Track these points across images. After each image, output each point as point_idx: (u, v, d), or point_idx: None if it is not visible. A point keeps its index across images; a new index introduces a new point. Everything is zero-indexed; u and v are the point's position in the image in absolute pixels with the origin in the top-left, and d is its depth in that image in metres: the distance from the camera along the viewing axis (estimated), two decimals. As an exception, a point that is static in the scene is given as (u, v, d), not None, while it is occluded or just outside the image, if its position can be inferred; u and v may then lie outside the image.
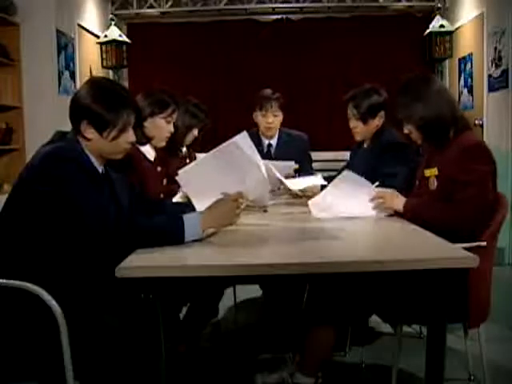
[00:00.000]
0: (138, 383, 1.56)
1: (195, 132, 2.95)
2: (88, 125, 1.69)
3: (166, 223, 1.68)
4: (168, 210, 2.07)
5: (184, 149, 2.98)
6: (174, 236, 1.64)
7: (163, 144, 2.46)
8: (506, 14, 4.42)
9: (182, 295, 2.35)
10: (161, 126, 2.40)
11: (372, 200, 2.16)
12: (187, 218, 1.67)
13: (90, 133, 1.70)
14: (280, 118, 3.26)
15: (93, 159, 1.74)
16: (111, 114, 1.70)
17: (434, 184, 2.05)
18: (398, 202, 2.10)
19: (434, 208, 1.99)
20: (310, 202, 2.24)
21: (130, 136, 1.76)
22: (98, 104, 1.69)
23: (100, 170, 1.78)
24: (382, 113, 2.69)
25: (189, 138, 2.94)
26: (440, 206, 1.98)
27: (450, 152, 1.99)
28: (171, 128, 2.43)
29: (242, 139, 1.92)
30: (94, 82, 1.83)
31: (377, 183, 2.23)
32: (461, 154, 1.95)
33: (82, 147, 1.71)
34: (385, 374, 2.26)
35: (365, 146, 2.81)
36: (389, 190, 2.17)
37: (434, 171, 2.05)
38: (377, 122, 2.69)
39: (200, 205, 1.89)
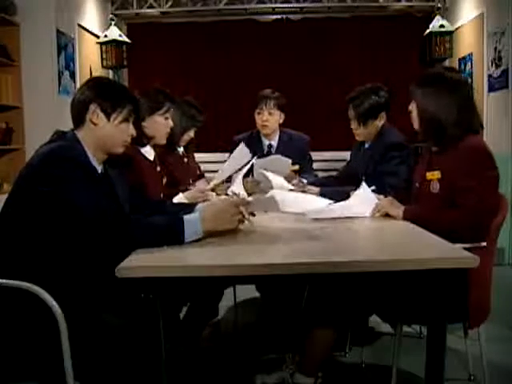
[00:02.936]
0: (138, 383, 1.56)
1: (191, 133, 2.96)
2: (97, 108, 1.73)
3: (166, 223, 1.67)
4: (168, 210, 2.07)
5: (181, 149, 2.99)
6: (174, 236, 1.63)
7: (164, 141, 2.48)
8: (506, 14, 4.42)
9: (182, 295, 2.35)
10: (160, 123, 2.44)
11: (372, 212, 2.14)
12: (187, 218, 1.67)
13: (98, 118, 1.73)
14: (276, 116, 3.23)
15: (92, 158, 1.75)
16: (119, 101, 1.76)
17: (436, 187, 2.01)
18: (396, 209, 2.06)
19: (434, 216, 1.95)
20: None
21: (131, 128, 1.81)
22: (105, 93, 1.76)
23: (99, 170, 1.78)
24: (383, 113, 2.69)
25: (185, 139, 2.95)
26: (440, 214, 1.94)
27: (455, 156, 1.94)
28: (170, 123, 2.48)
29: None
30: (95, 80, 1.91)
31: (373, 187, 2.23)
32: (465, 158, 1.91)
33: (81, 146, 1.72)
34: (385, 374, 2.26)
35: (366, 145, 2.81)
36: (386, 198, 2.16)
37: (437, 174, 2.01)
38: (378, 122, 2.69)
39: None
